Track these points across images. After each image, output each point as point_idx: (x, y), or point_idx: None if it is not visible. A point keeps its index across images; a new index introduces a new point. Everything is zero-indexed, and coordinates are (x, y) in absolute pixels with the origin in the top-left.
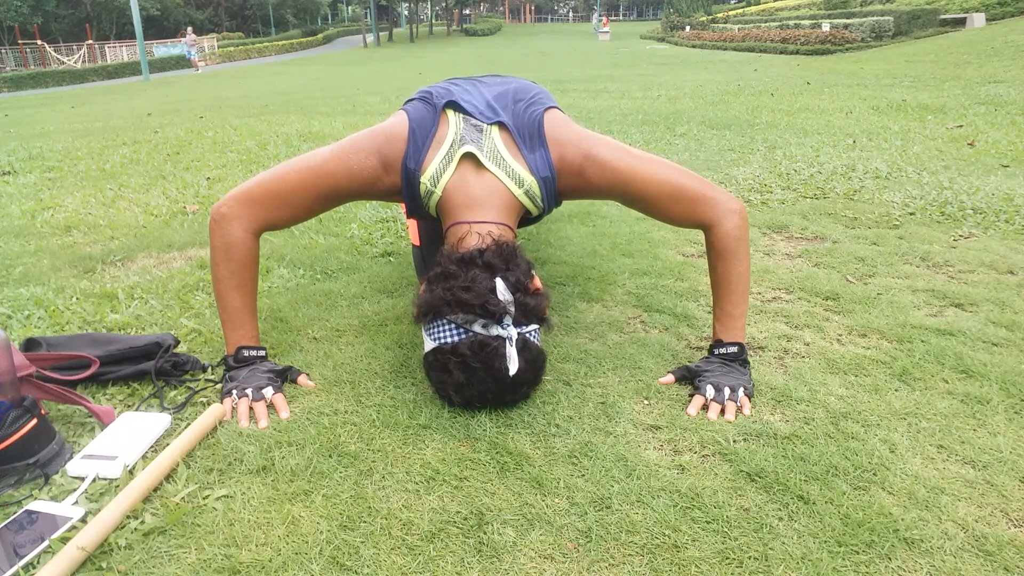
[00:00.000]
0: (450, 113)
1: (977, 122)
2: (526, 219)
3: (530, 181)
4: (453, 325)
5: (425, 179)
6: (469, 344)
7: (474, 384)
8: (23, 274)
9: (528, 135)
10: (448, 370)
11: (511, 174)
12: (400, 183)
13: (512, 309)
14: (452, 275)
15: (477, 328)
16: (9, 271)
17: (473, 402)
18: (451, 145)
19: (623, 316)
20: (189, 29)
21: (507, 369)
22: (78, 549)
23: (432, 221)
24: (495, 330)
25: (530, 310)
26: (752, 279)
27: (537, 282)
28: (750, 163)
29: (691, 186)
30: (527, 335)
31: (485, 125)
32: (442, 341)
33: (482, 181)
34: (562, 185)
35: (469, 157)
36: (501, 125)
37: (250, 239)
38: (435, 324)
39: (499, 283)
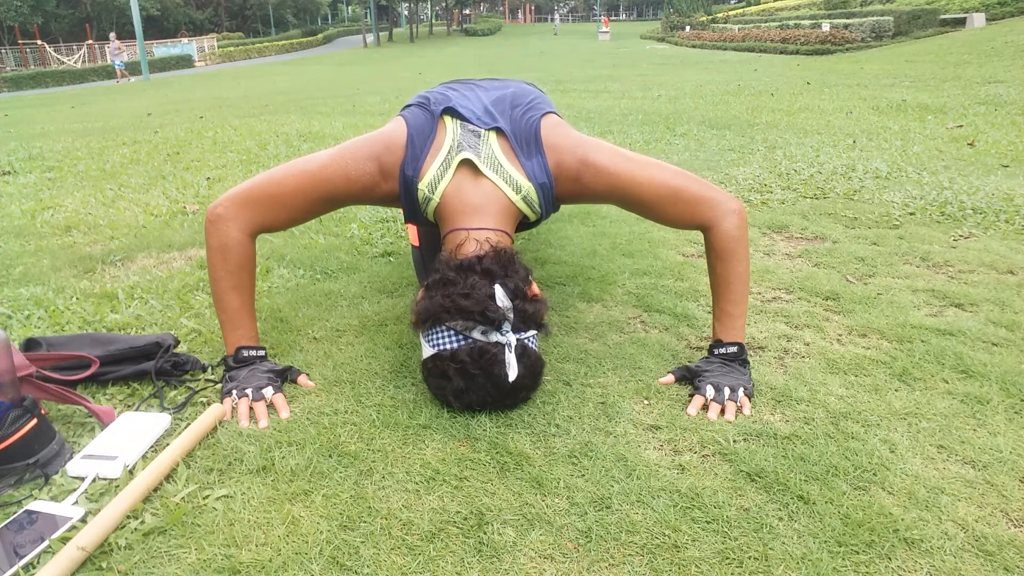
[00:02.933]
0: (448, 119)
1: (977, 122)
2: (524, 224)
3: (527, 187)
4: (452, 332)
5: (423, 186)
6: (468, 351)
7: (473, 390)
8: (23, 274)
9: (525, 141)
10: (447, 376)
11: (509, 180)
12: (398, 189)
13: (511, 315)
14: (451, 282)
15: (476, 335)
16: (9, 271)
17: (473, 407)
18: (449, 151)
19: (623, 316)
20: (112, 35)
21: (506, 375)
22: (78, 549)
23: (431, 226)
24: (494, 336)
25: (529, 316)
26: (752, 279)
27: (535, 288)
28: (750, 163)
29: (689, 188)
30: (526, 341)
31: (483, 131)
32: (441, 348)
33: (480, 188)
34: (560, 191)
35: (467, 163)
36: (499, 131)
37: (247, 240)
38: (434, 331)
39: (498, 289)
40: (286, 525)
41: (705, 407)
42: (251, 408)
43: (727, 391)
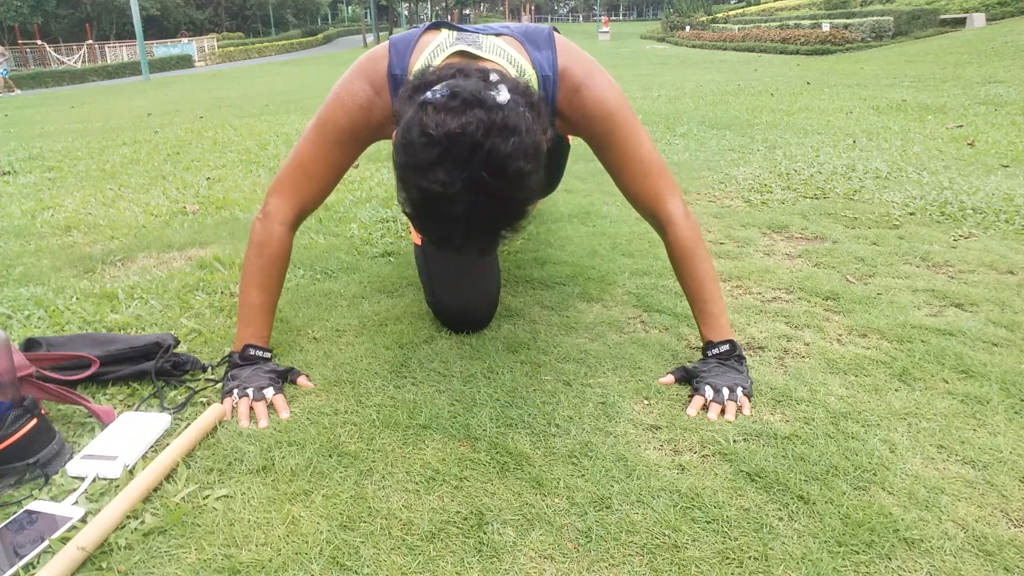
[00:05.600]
0: (443, 29)
1: (977, 122)
2: None
3: (531, 73)
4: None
5: (412, 77)
6: (455, 83)
7: (458, 126)
8: (23, 274)
9: (536, 39)
10: (427, 131)
11: (512, 62)
12: (391, 100)
13: (506, 89)
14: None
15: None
16: (9, 271)
17: (456, 162)
18: (438, 46)
19: (623, 316)
20: None
21: (496, 99)
22: (78, 549)
23: None
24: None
25: (531, 100)
26: (752, 279)
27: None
28: (750, 163)
29: (663, 172)
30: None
31: (481, 36)
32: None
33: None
34: (560, 97)
35: (462, 53)
36: (499, 35)
37: (286, 234)
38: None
39: (493, 74)
40: (286, 525)
41: (705, 407)
42: (251, 408)
43: (726, 391)
